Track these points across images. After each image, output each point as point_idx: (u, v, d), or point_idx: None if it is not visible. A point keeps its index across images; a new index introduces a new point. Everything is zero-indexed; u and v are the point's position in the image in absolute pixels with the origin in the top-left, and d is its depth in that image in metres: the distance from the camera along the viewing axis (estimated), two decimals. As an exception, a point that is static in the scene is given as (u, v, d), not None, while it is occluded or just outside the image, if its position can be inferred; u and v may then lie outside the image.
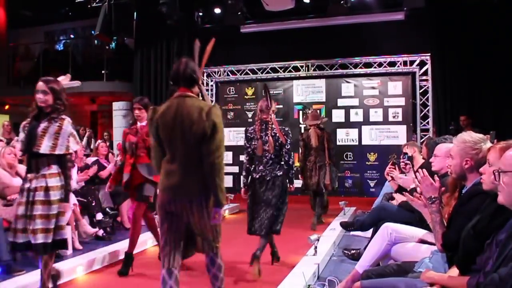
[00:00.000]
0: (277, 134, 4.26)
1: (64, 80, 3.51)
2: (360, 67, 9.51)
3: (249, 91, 10.26)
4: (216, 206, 2.67)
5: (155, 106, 2.85)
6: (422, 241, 3.12)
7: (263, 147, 4.28)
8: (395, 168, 4.69)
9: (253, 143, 4.35)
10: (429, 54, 8.93)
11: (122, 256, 4.78)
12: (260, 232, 4.16)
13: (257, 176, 4.29)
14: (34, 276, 3.73)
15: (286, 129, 4.38)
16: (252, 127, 4.43)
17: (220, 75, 10.47)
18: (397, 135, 9.26)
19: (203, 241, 2.82)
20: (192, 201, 2.67)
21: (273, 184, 4.23)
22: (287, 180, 4.37)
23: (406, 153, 5.09)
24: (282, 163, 4.33)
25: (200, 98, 2.87)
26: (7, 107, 13.59)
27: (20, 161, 5.02)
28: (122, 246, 5.01)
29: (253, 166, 4.38)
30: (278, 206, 4.23)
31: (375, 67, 9.41)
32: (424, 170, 2.57)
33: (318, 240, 4.44)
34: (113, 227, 6.10)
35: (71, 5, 12.15)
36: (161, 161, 2.78)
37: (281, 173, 4.28)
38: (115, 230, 6.12)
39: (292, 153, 4.43)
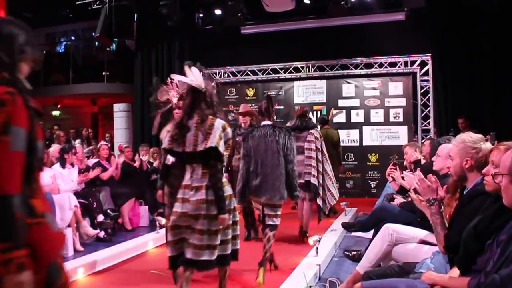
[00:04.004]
0: None
1: None
2: (361, 68, 9.51)
3: (250, 92, 10.27)
4: None
5: None
6: (423, 242, 3.11)
7: None
8: (396, 169, 4.68)
9: None
10: (430, 54, 8.93)
11: (123, 258, 4.79)
12: None
13: None
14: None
15: None
16: None
17: (221, 76, 10.47)
18: (398, 135, 9.26)
19: None
20: None
21: None
22: None
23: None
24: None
25: None
26: (8, 109, 13.58)
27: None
28: (123, 248, 5.02)
29: None
30: None
31: (375, 68, 9.41)
32: (420, 173, 2.56)
33: (319, 241, 4.44)
34: (114, 229, 6.09)
35: (72, 7, 12.19)
36: None
37: None
38: (116, 231, 6.11)
39: None
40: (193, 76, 3.13)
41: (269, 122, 4.19)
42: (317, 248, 4.43)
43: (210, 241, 2.91)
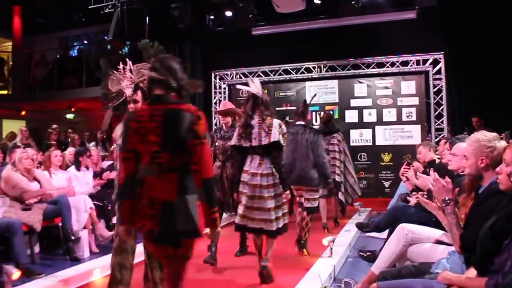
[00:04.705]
0: None
1: None
2: (373, 67, 9.47)
3: (262, 93, 10.27)
4: None
5: None
6: (439, 242, 3.09)
7: None
8: (409, 168, 4.65)
9: None
10: (442, 52, 8.85)
11: (139, 259, 4.82)
12: None
13: None
14: (53, 279, 3.79)
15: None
16: None
17: (232, 78, 10.50)
18: (411, 134, 9.19)
19: None
20: None
21: None
22: None
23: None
24: None
25: None
26: (23, 112, 13.81)
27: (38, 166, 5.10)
28: (138, 249, 5.05)
29: None
30: None
31: (387, 67, 9.36)
32: (435, 173, 2.55)
33: (333, 241, 4.43)
34: (129, 230, 6.13)
35: (84, 11, 12.32)
36: None
37: None
38: (131, 233, 6.15)
39: None
40: (254, 85, 3.90)
41: (302, 123, 4.96)
42: (331, 249, 4.43)
43: (266, 216, 3.75)
